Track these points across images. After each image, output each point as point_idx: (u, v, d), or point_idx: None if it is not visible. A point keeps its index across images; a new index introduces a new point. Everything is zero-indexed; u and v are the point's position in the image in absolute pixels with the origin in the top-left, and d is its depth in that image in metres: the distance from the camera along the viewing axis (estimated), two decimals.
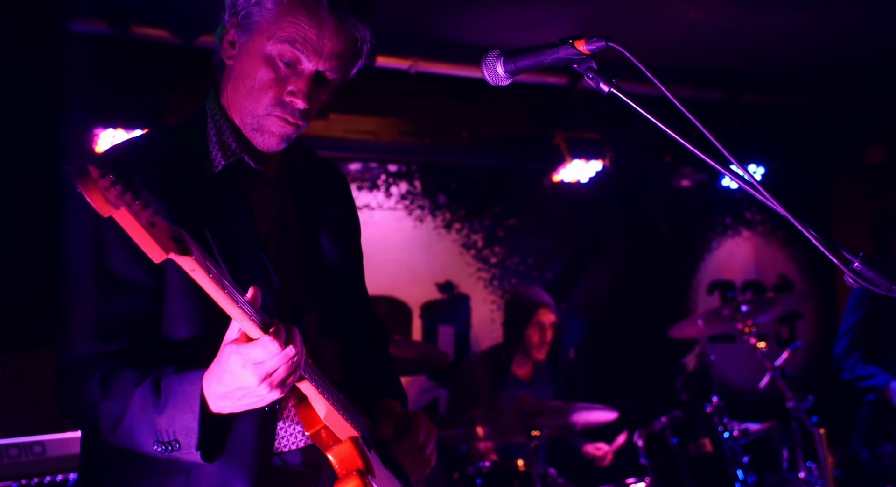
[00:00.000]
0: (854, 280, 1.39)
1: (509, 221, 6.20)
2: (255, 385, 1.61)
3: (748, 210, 6.93)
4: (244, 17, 1.87)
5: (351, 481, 1.79)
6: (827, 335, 6.98)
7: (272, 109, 1.87)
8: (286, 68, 1.86)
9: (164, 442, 1.67)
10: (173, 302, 1.79)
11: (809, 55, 5.56)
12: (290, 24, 1.83)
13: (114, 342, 1.75)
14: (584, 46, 1.57)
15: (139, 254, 1.65)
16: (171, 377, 1.69)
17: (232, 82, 1.92)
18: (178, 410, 1.66)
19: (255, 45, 1.86)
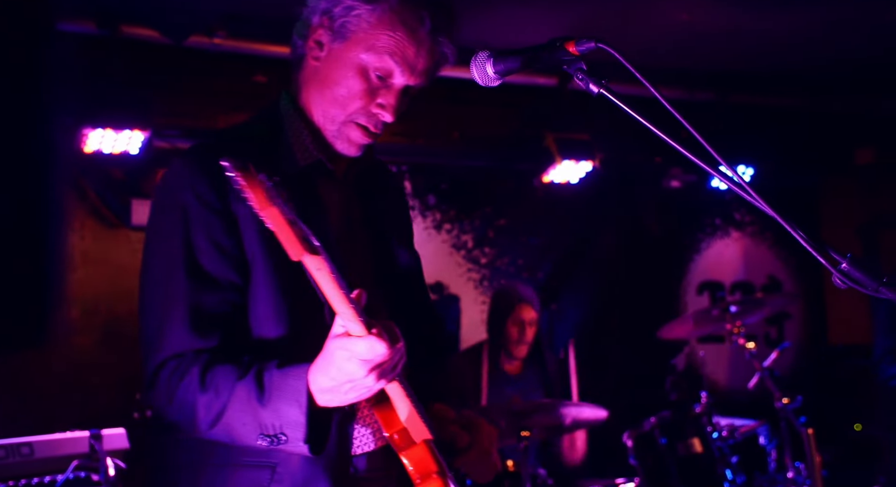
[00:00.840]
0: (842, 281, 1.39)
1: (499, 221, 6.21)
2: (362, 376, 1.64)
3: (737, 211, 6.95)
4: (340, 26, 1.87)
5: (432, 483, 1.80)
6: (815, 336, 7.02)
7: (357, 117, 1.90)
8: (378, 80, 1.88)
9: (269, 436, 1.70)
10: (260, 299, 1.82)
11: (799, 57, 5.58)
12: (390, 38, 1.86)
13: (208, 338, 1.78)
14: (574, 48, 1.57)
15: (227, 252, 1.79)
16: (273, 372, 1.71)
17: (316, 84, 1.93)
18: (285, 404, 1.68)
19: (349, 53, 1.88)
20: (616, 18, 4.83)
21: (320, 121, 1.92)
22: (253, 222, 1.78)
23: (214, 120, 5.23)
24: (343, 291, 1.60)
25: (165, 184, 1.86)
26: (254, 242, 1.81)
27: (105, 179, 5.05)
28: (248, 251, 1.81)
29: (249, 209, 1.63)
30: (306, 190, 1.91)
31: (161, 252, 1.82)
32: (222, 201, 1.79)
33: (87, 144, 4.66)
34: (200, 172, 1.80)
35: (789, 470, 4.35)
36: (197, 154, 1.85)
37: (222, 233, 1.79)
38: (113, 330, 5.00)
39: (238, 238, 1.80)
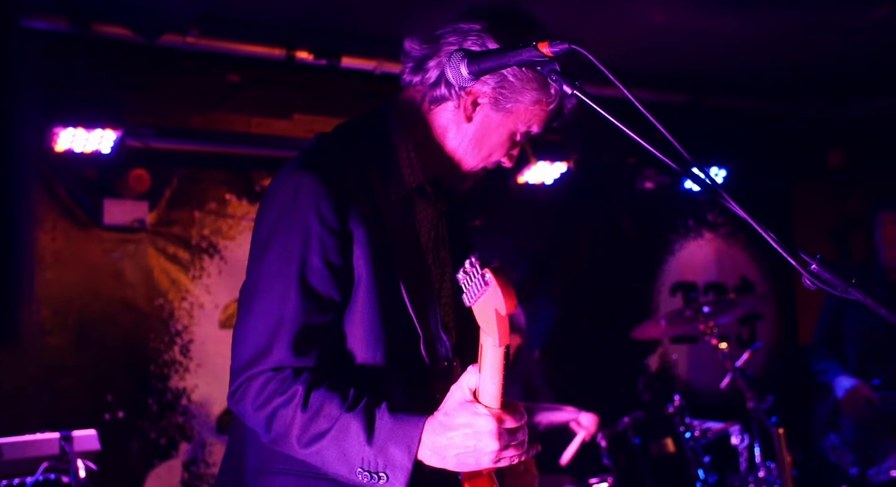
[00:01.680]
0: (811, 282, 1.41)
1: (474, 222, 6.21)
2: (490, 451, 1.68)
3: (710, 212, 7.00)
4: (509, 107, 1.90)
5: None
6: (786, 337, 7.08)
7: (489, 165, 1.99)
8: (520, 139, 1.97)
9: (369, 472, 1.73)
10: (358, 320, 1.85)
11: (772, 60, 5.63)
12: (545, 113, 1.93)
13: (309, 356, 1.80)
14: (548, 49, 1.58)
15: (338, 272, 1.82)
16: (386, 413, 1.74)
17: (455, 136, 1.95)
18: (394, 446, 1.71)
19: (507, 123, 1.93)
20: (590, 20, 4.85)
21: (450, 163, 1.97)
22: (366, 244, 1.83)
23: (187, 119, 5.20)
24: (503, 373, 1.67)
25: (287, 196, 1.84)
26: (362, 263, 1.83)
27: (77, 179, 5.01)
28: (356, 272, 1.84)
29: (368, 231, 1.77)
30: (407, 211, 1.95)
31: (277, 266, 1.83)
32: (342, 222, 1.81)
33: (58, 144, 4.61)
34: (325, 191, 1.81)
35: (760, 470, 4.39)
36: (321, 171, 1.84)
37: (336, 253, 1.81)
38: (84, 331, 4.96)
39: (349, 258, 1.83)
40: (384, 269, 1.85)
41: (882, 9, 4.83)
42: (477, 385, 1.72)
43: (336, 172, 1.85)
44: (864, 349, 4.75)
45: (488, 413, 1.69)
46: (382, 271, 1.84)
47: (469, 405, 1.70)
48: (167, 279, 5.18)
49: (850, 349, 4.84)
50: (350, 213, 1.82)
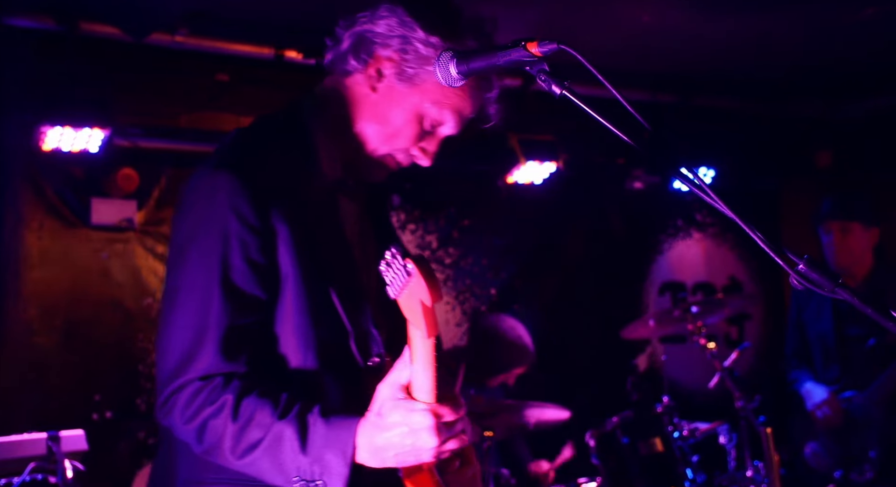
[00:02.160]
0: (799, 282, 1.41)
1: (464, 222, 6.22)
2: (429, 447, 1.65)
3: (699, 212, 7.02)
4: (413, 74, 1.86)
5: None
6: (774, 337, 7.10)
7: (396, 153, 1.93)
8: (429, 128, 1.91)
9: (306, 481, 1.68)
10: (287, 319, 1.79)
11: (761, 61, 5.65)
12: (458, 98, 1.89)
13: (238, 361, 1.74)
14: (536, 49, 1.57)
15: (262, 270, 1.75)
16: (318, 419, 1.69)
17: (363, 111, 1.91)
18: (330, 453, 1.67)
19: (412, 98, 1.88)
20: (579, 20, 4.85)
21: (358, 144, 1.92)
22: (290, 241, 1.78)
23: (176, 118, 5.19)
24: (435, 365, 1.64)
25: (203, 196, 1.79)
26: (288, 261, 1.78)
27: (64, 178, 4.98)
28: (282, 270, 1.78)
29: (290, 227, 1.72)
30: (331, 206, 1.91)
31: (197, 270, 1.76)
32: (262, 220, 1.76)
33: (46, 142, 4.59)
34: (243, 190, 1.75)
35: (748, 469, 4.40)
36: (237, 169, 1.78)
37: (259, 252, 1.76)
38: (72, 330, 4.94)
39: (273, 256, 1.78)
40: (310, 266, 1.80)
41: (868, 10, 4.85)
42: (409, 380, 1.68)
43: (253, 168, 1.79)
44: (825, 354, 4.80)
45: (424, 409, 1.65)
46: (308, 268, 1.79)
47: (402, 402, 1.66)
48: (156, 279, 5.16)
49: (815, 355, 4.90)
50: (271, 210, 1.76)
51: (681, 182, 1.53)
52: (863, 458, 4.52)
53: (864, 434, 4.55)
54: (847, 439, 4.59)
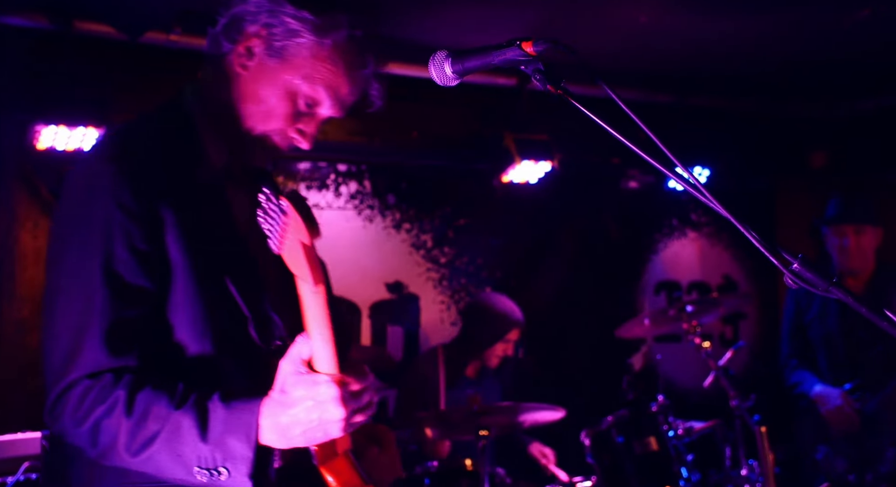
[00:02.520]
0: (793, 281, 1.41)
1: (459, 221, 6.22)
2: (336, 419, 1.61)
3: (694, 212, 7.03)
4: (281, 47, 1.83)
5: None
6: (769, 336, 7.11)
7: (273, 135, 1.88)
8: (305, 107, 1.87)
9: (208, 469, 1.62)
10: (179, 308, 1.73)
11: (756, 61, 5.66)
12: (330, 72, 1.85)
13: (127, 356, 1.68)
14: (532, 48, 1.58)
15: (147, 259, 1.69)
16: (218, 403, 1.63)
17: (237, 92, 1.88)
18: (232, 437, 1.61)
19: (283, 75, 1.85)
20: (574, 19, 4.85)
21: (235, 126, 1.87)
22: (177, 229, 1.72)
23: None
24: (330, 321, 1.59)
25: (82, 189, 1.74)
26: (176, 248, 1.72)
27: (59, 177, 4.97)
28: (171, 257, 1.72)
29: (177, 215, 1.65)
30: (221, 195, 1.86)
31: (78, 263, 1.69)
32: (145, 208, 1.70)
33: (40, 141, 4.58)
34: (123, 180, 1.70)
35: (743, 468, 4.41)
36: (119, 160, 1.73)
37: (143, 240, 1.70)
38: None
39: (160, 244, 1.72)
40: (201, 253, 1.75)
41: (863, 10, 4.86)
42: (311, 354, 1.63)
43: (134, 158, 1.75)
44: (833, 356, 4.81)
45: (328, 380, 1.60)
46: (199, 255, 1.74)
47: (304, 376, 1.61)
48: None
49: (819, 357, 4.89)
50: (155, 199, 1.71)
51: (676, 182, 1.54)
52: (878, 459, 4.52)
53: (878, 436, 4.56)
54: (861, 441, 4.59)
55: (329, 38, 1.83)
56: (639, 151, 1.52)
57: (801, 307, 5.01)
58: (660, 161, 1.54)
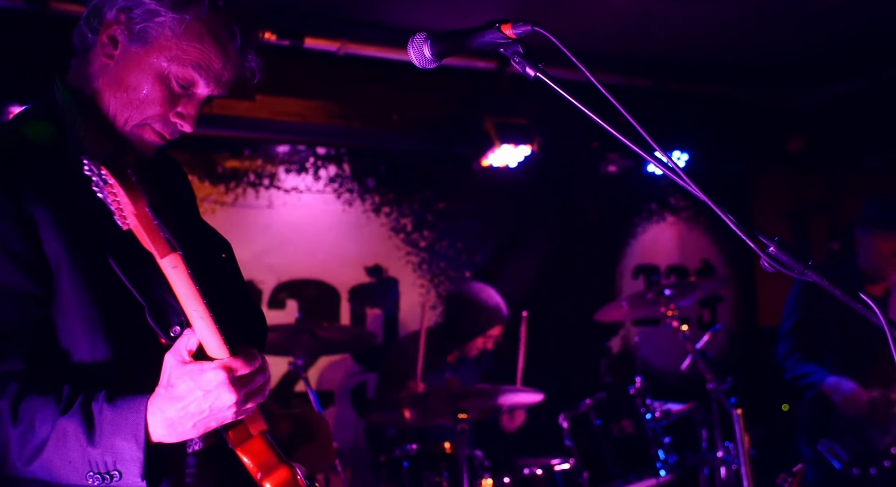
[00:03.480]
0: (769, 264, 1.43)
1: (438, 205, 6.21)
2: (228, 405, 1.58)
3: (672, 196, 7.06)
4: (141, 30, 1.78)
5: (279, 473, 1.71)
6: (746, 319, 7.19)
7: (153, 122, 1.82)
8: (180, 89, 1.82)
9: (100, 473, 1.59)
10: (69, 308, 1.67)
11: (733, 46, 5.67)
12: (197, 50, 1.79)
13: (9, 361, 1.62)
14: (511, 30, 1.57)
15: (25, 261, 1.63)
16: (104, 404, 1.60)
17: (107, 83, 1.83)
18: (119, 438, 1.58)
19: (149, 59, 1.79)
20: (554, 2, 4.85)
21: (111, 119, 1.82)
22: (55, 225, 1.66)
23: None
24: (201, 295, 1.55)
25: None
26: (56, 245, 1.66)
27: None
28: (50, 257, 1.66)
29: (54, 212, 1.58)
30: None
31: None
32: (15, 206, 1.64)
33: None
34: None
35: (719, 450, 4.45)
36: None
37: (17, 240, 1.63)
38: None
39: (37, 243, 1.65)
40: (86, 247, 1.68)
41: None
42: (198, 344, 1.59)
43: (2, 159, 1.68)
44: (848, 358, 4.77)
45: (214, 366, 1.57)
46: (84, 249, 1.67)
47: (189, 365, 1.58)
48: None
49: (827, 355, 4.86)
50: (28, 196, 1.65)
51: (655, 166, 1.54)
52: (884, 454, 4.55)
53: (884, 431, 4.60)
54: (867, 435, 4.62)
55: (189, 13, 1.78)
56: (618, 135, 1.53)
57: (816, 303, 4.90)
58: (639, 145, 1.54)
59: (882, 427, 4.59)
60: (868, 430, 4.61)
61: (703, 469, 4.63)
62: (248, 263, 5.50)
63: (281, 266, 5.66)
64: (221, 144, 5.41)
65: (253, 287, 5.55)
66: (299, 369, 4.37)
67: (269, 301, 5.63)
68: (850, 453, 4.59)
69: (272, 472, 1.70)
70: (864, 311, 1.37)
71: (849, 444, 4.62)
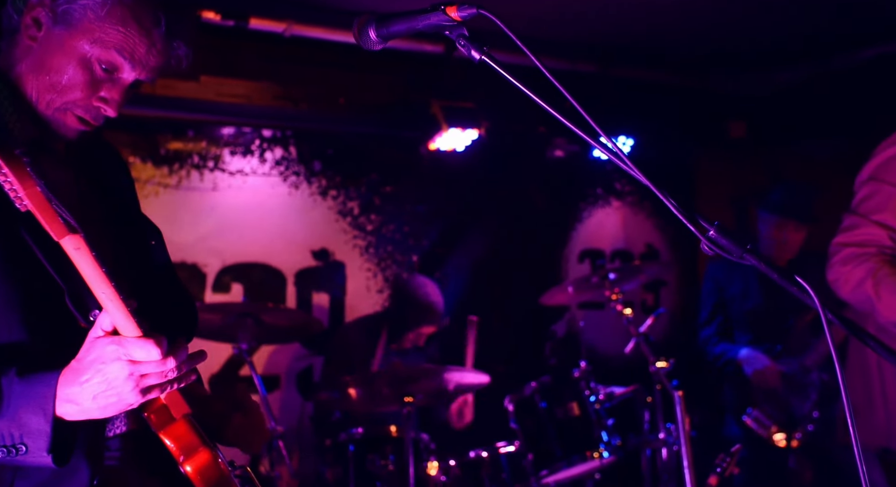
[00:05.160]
0: (709, 248, 1.45)
1: (386, 188, 6.20)
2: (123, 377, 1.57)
3: (618, 181, 7.12)
4: (63, 12, 1.76)
5: (200, 456, 1.71)
6: (688, 303, 7.29)
7: (75, 107, 1.80)
8: (103, 73, 1.79)
9: (6, 446, 1.58)
10: None
11: (678, 32, 5.72)
12: (120, 34, 1.77)
13: None
14: (456, 13, 1.57)
15: None
16: (13, 378, 1.58)
17: (30, 65, 1.80)
18: (27, 412, 1.57)
19: (72, 41, 1.77)
20: None
21: (34, 102, 1.80)
22: None
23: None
24: (108, 277, 1.53)
25: None
26: None
27: None
28: None
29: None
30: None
31: None
32: None
33: None
34: None
35: (661, 431, 4.52)
36: None
37: None
38: None
39: None
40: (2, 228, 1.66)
41: None
42: (112, 325, 1.59)
43: None
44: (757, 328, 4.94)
45: (111, 340, 1.57)
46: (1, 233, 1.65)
47: (97, 340, 1.58)
48: None
49: (740, 331, 5.03)
50: None
51: (599, 151, 1.55)
52: (806, 419, 4.69)
53: (803, 398, 4.73)
54: (787, 404, 4.75)
55: None
56: (563, 120, 1.54)
57: (722, 284, 5.11)
58: (584, 130, 1.55)
59: (801, 394, 4.74)
60: (788, 398, 4.75)
61: (645, 451, 4.72)
62: (193, 246, 5.43)
63: (226, 250, 5.60)
64: (164, 126, 5.32)
65: (197, 271, 5.48)
66: (244, 353, 4.33)
67: (213, 285, 5.57)
68: (775, 422, 4.73)
69: (193, 455, 1.70)
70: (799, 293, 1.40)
71: (773, 413, 4.76)
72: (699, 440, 4.65)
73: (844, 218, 2.98)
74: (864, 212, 2.90)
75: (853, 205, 2.97)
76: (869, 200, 2.92)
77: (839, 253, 2.88)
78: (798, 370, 4.78)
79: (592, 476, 4.67)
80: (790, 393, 4.76)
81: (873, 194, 2.91)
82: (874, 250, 2.81)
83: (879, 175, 2.91)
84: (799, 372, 4.77)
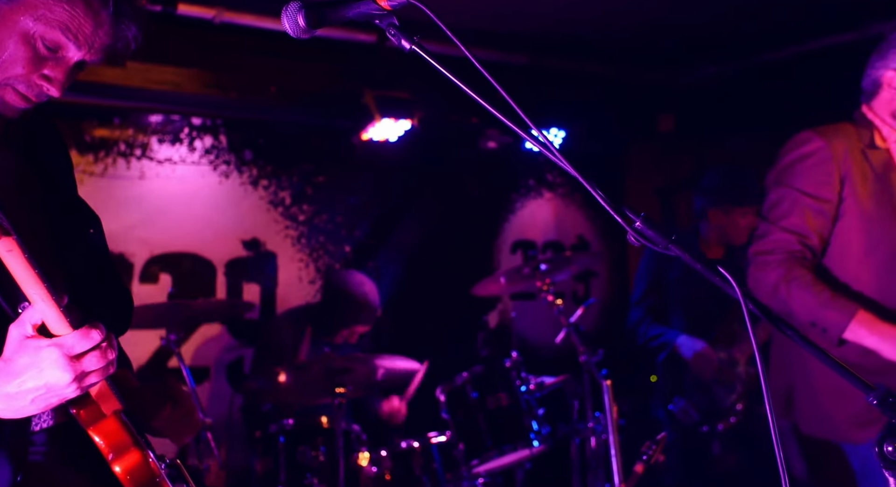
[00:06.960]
0: (635, 239, 1.47)
1: (318, 178, 6.15)
2: (64, 384, 1.53)
3: (550, 172, 7.19)
4: None
5: (130, 456, 1.68)
6: (618, 293, 7.41)
7: (16, 82, 1.75)
8: (46, 51, 1.75)
9: None
10: None
11: (607, 25, 5.78)
12: (66, 11, 1.72)
13: None
14: (386, 2, 1.56)
15: None
16: None
17: None
18: None
19: (15, 16, 1.72)
20: None
21: None
22: None
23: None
24: (40, 277, 1.50)
25: None
26: None
27: None
28: None
29: None
30: None
31: None
32: None
33: None
34: None
35: (590, 420, 4.59)
36: None
37: None
38: None
39: None
40: None
41: None
42: (41, 318, 1.56)
43: None
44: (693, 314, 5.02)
45: (48, 344, 1.53)
46: None
47: (29, 341, 1.54)
48: None
49: (675, 316, 5.10)
50: None
51: (530, 142, 1.56)
52: (730, 411, 4.79)
53: (729, 389, 4.83)
54: (713, 394, 4.84)
55: None
56: (494, 112, 1.54)
57: (663, 267, 5.16)
58: (515, 122, 1.56)
59: (728, 385, 4.85)
60: (715, 389, 4.86)
61: (575, 439, 4.78)
62: (119, 235, 5.32)
63: (154, 239, 5.50)
64: (89, 112, 5.20)
65: (124, 261, 5.37)
66: (172, 344, 4.27)
67: (140, 275, 5.47)
68: (700, 412, 4.83)
69: (123, 454, 1.67)
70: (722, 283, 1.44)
71: (698, 403, 4.86)
72: (627, 428, 4.74)
73: (759, 225, 3.10)
74: (774, 219, 3.03)
75: (764, 210, 3.10)
76: (777, 206, 3.05)
77: (753, 261, 3.01)
78: (727, 361, 4.88)
79: (523, 464, 4.72)
80: (716, 383, 4.86)
81: (780, 200, 3.04)
82: (784, 256, 2.92)
83: (783, 179, 3.05)
84: (727, 363, 4.88)
